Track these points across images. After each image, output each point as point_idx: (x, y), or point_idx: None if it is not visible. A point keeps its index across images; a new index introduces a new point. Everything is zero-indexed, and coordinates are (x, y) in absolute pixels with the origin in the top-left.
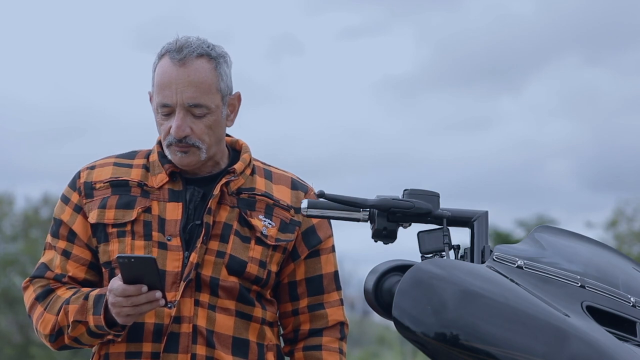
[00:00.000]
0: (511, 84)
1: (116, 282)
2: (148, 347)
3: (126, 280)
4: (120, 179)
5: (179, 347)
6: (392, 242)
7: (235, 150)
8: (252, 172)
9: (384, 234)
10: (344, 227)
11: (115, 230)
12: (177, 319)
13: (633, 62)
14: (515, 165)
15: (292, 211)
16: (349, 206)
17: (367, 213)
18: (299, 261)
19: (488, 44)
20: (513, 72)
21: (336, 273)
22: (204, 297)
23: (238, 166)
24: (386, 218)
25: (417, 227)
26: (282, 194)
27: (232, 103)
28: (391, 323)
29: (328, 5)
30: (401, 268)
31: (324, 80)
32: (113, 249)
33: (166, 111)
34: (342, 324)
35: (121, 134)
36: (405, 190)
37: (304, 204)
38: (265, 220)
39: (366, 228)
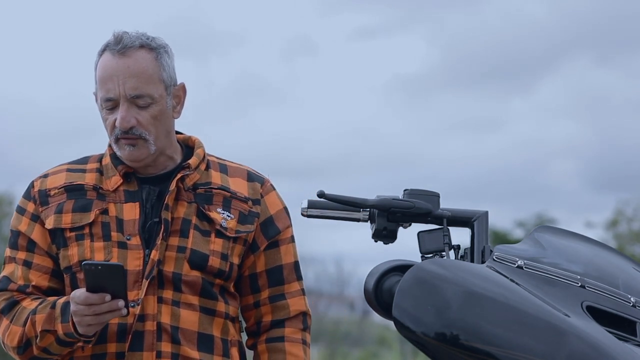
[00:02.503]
0: (521, 84)
1: (79, 290)
2: (112, 347)
3: (90, 288)
4: (75, 183)
5: (143, 346)
6: (392, 242)
7: (189, 147)
8: (207, 167)
9: (384, 234)
10: (344, 227)
11: (73, 234)
12: (141, 317)
13: None
14: (522, 166)
15: (249, 203)
16: (349, 206)
17: (367, 213)
18: (258, 252)
19: (498, 44)
20: (523, 73)
21: (296, 263)
22: (167, 294)
23: (192, 161)
24: (386, 218)
25: (417, 227)
26: (239, 186)
27: (177, 94)
28: (391, 323)
29: (342, 6)
30: (401, 268)
31: (335, 80)
32: (72, 254)
33: (110, 105)
34: (304, 314)
35: None
36: (405, 190)
37: (304, 204)
38: (223, 213)
39: (366, 228)
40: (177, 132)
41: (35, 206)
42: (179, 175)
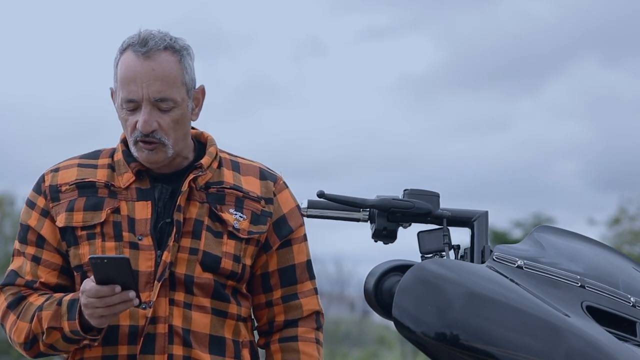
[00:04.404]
0: (528, 85)
1: (89, 284)
2: (124, 349)
3: (99, 281)
4: (86, 180)
5: (155, 349)
6: (392, 242)
7: (201, 142)
8: (220, 165)
9: (384, 234)
10: (344, 227)
11: (84, 232)
12: (153, 320)
13: None
14: (528, 166)
15: (262, 202)
16: (349, 206)
17: (367, 213)
18: (270, 252)
19: (505, 45)
20: (530, 74)
21: (309, 262)
22: (179, 296)
23: (205, 160)
24: (386, 218)
25: (417, 227)
26: (251, 185)
27: (197, 97)
28: (391, 323)
29: (351, 7)
30: (401, 268)
31: (343, 80)
32: (84, 252)
33: (132, 106)
34: (317, 314)
35: None
36: (405, 190)
37: (304, 204)
38: (236, 214)
39: (366, 228)
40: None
41: (46, 201)
42: (191, 176)
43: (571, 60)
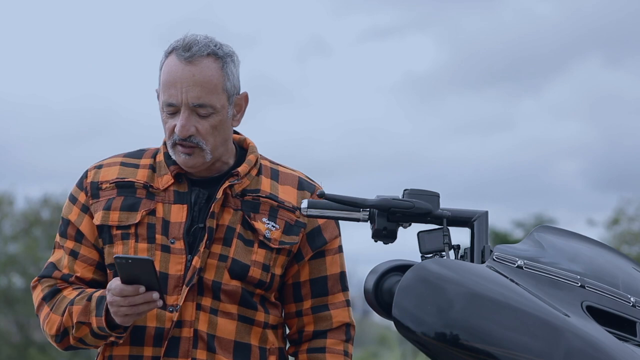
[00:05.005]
0: (531, 86)
1: (115, 282)
2: (149, 351)
3: (124, 281)
4: (126, 180)
5: (179, 352)
6: (392, 242)
7: (243, 148)
8: (259, 172)
9: (384, 234)
10: (344, 227)
11: (119, 232)
12: (179, 323)
13: None
14: (529, 166)
15: (297, 212)
16: (349, 206)
17: (367, 213)
18: (302, 262)
19: (508, 45)
20: (533, 74)
21: (342, 274)
22: (206, 301)
23: (242, 169)
24: (386, 218)
25: (417, 227)
26: (288, 194)
27: (239, 103)
28: (391, 323)
29: (355, 7)
30: (401, 268)
31: (347, 80)
32: (117, 251)
33: (171, 110)
34: (347, 326)
35: (142, 135)
36: (405, 190)
37: (304, 204)
38: (269, 223)
39: (366, 228)
40: (234, 132)
41: (87, 197)
42: (226, 184)
43: (573, 61)
